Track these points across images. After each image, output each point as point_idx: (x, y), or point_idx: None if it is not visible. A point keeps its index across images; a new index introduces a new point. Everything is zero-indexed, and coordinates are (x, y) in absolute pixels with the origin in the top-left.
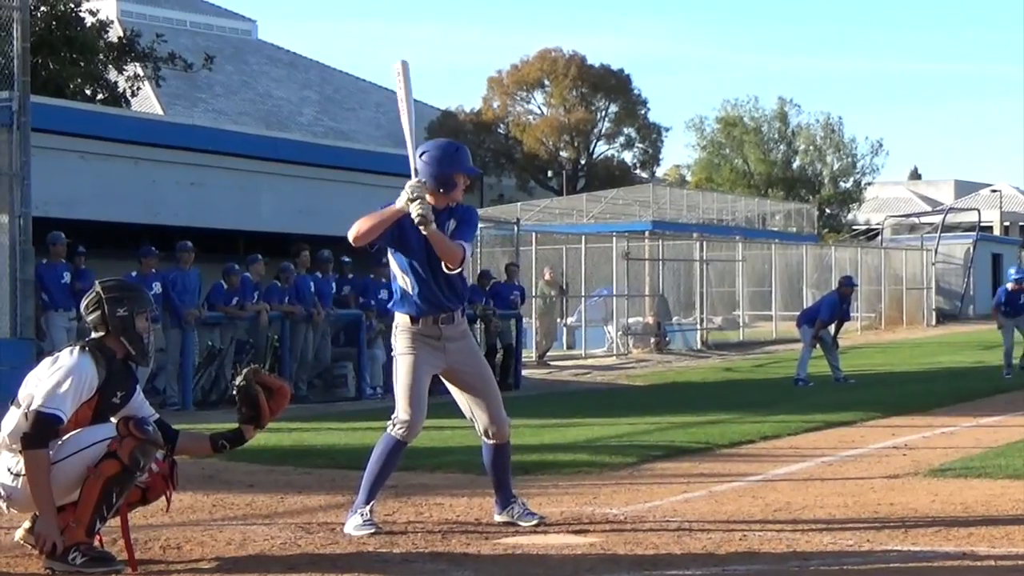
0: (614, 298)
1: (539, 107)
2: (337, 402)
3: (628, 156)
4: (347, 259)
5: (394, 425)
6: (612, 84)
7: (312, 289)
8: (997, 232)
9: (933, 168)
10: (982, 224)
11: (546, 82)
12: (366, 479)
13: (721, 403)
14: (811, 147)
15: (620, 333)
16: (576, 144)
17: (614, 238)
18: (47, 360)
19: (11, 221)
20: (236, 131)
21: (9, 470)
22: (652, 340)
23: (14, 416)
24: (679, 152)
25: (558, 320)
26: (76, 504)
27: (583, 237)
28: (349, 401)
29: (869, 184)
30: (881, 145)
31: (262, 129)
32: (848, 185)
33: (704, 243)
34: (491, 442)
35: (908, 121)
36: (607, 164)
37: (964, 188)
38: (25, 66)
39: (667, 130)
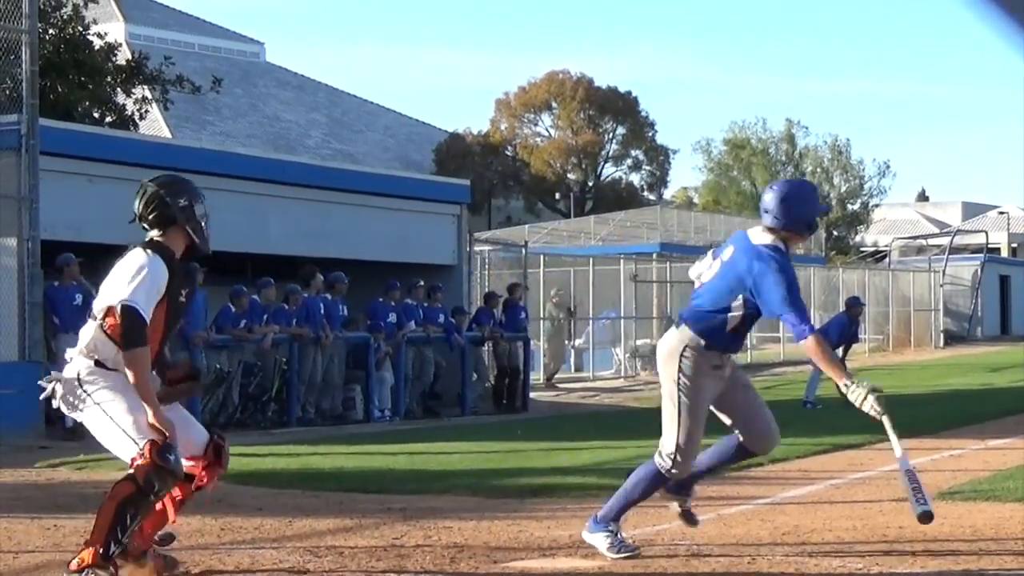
0: (622, 320)
1: (547, 129)
2: (345, 425)
3: (636, 178)
4: (400, 284)
5: (666, 459)
6: (619, 106)
7: (321, 311)
8: (1005, 254)
9: (941, 190)
10: (990, 246)
11: (554, 104)
12: (621, 497)
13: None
14: (818, 169)
15: (628, 355)
16: (584, 166)
17: (622, 260)
18: (116, 267)
19: (19, 244)
20: (244, 154)
21: (79, 380)
22: None
23: (91, 328)
24: (686, 174)
25: (566, 342)
26: (93, 534)
27: (591, 259)
28: (357, 424)
29: (876, 206)
30: (888, 167)
31: (270, 152)
32: (855, 207)
33: None
34: (751, 449)
35: (915, 143)
36: (615, 186)
37: (972, 210)
38: (33, 89)
39: (674, 152)
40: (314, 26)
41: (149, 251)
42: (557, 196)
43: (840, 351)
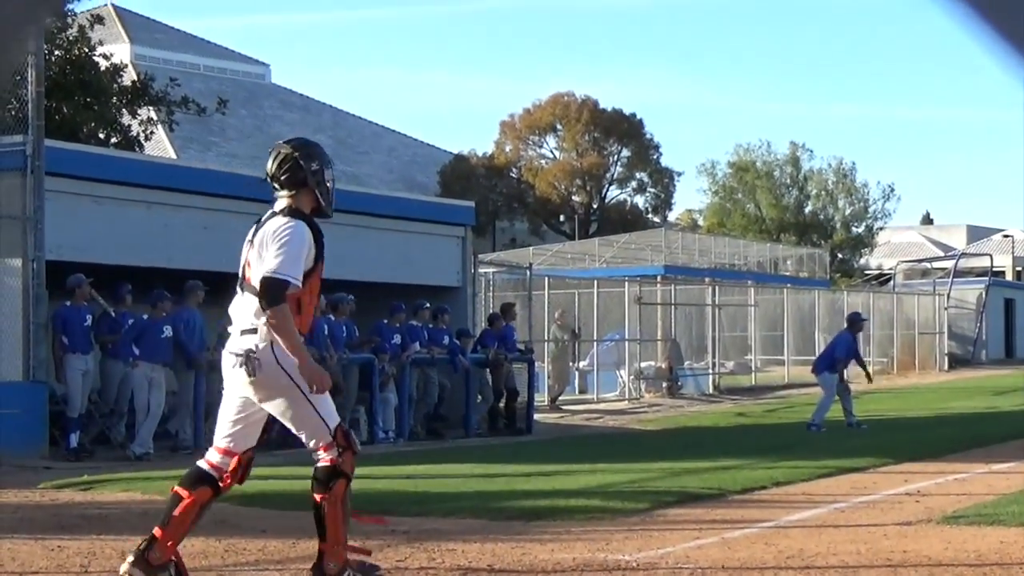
0: (626, 342)
1: (551, 151)
2: None
3: (640, 200)
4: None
5: None
6: (624, 128)
7: (325, 332)
8: (1009, 277)
9: (945, 213)
10: (994, 269)
11: (558, 126)
12: None
13: (733, 448)
14: (823, 192)
15: (632, 377)
16: (588, 188)
17: (626, 282)
18: (266, 238)
19: (24, 265)
20: (249, 175)
21: (276, 358)
22: (664, 385)
23: (240, 299)
24: (691, 197)
25: (570, 364)
26: (324, 536)
27: (595, 281)
28: (361, 445)
29: (881, 229)
30: (893, 190)
31: None
32: (860, 230)
33: (716, 288)
34: None
35: (920, 166)
36: (619, 208)
37: (976, 233)
38: (39, 110)
39: (679, 175)
40: (319, 48)
41: (290, 217)
42: (562, 218)
43: (848, 369)
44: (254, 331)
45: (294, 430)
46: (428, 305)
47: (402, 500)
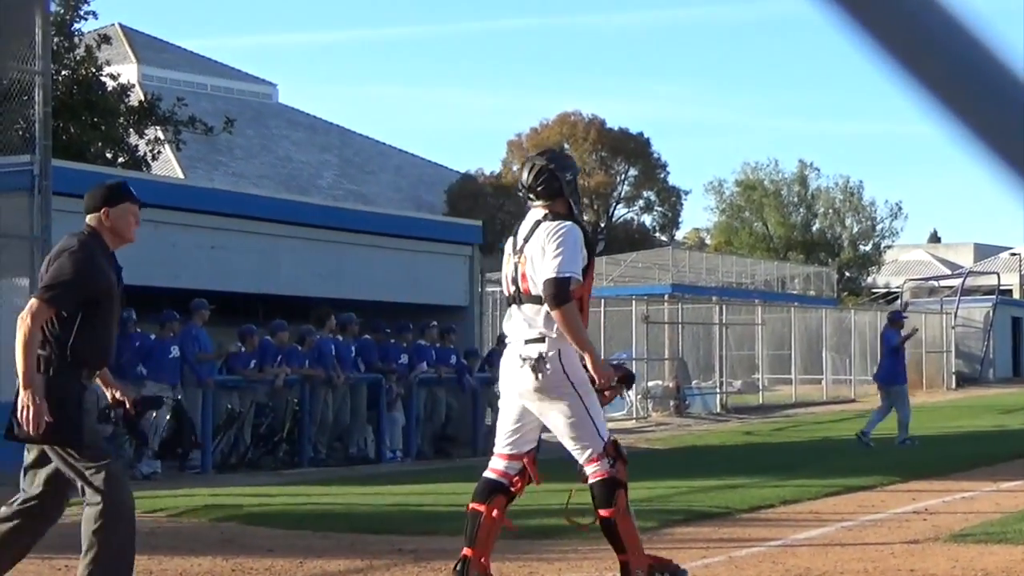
0: (633, 361)
1: None
2: (357, 465)
3: (647, 219)
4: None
5: None
6: (631, 147)
7: (333, 352)
8: (1017, 296)
9: (952, 231)
10: (1002, 287)
11: (566, 145)
12: None
13: (741, 467)
14: (830, 210)
15: (640, 396)
16: (596, 207)
17: (633, 301)
18: (543, 241)
19: (31, 284)
20: (256, 195)
21: (561, 362)
22: (672, 403)
23: (518, 312)
24: (698, 215)
25: None
26: (622, 549)
27: (602, 300)
28: (369, 464)
29: (888, 247)
30: (900, 208)
31: (282, 192)
32: (867, 248)
33: (723, 306)
34: None
35: (927, 184)
36: (626, 227)
37: (983, 251)
38: (47, 130)
39: (686, 193)
40: (326, 67)
41: (566, 219)
42: None
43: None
44: (541, 339)
45: (566, 438)
46: (436, 324)
47: (410, 519)
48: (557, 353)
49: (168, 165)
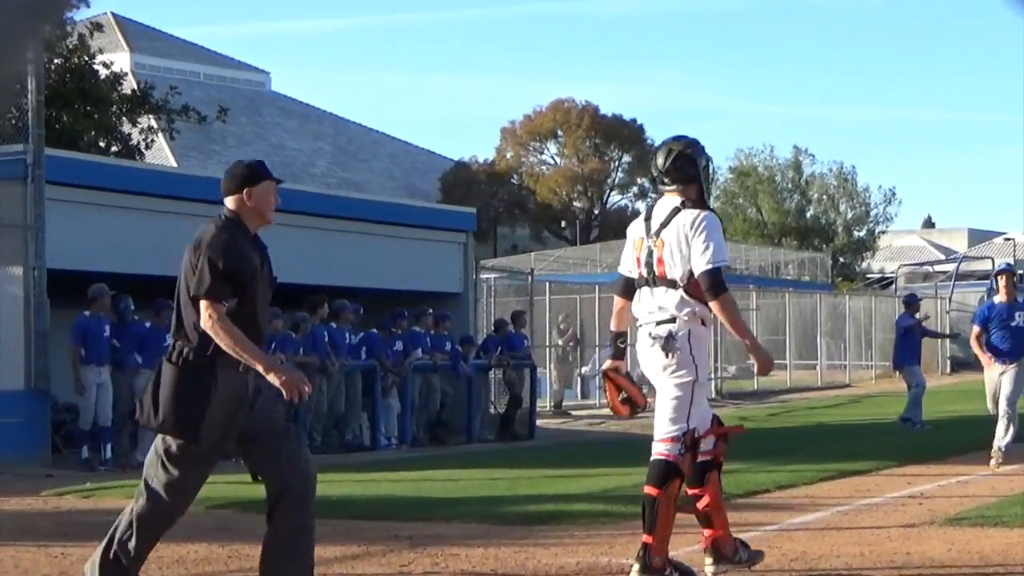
0: (628, 347)
1: (552, 157)
2: (352, 452)
3: (641, 206)
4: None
5: None
6: (625, 134)
7: (326, 340)
8: None
9: (946, 217)
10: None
11: (559, 132)
12: None
13: (735, 452)
14: (824, 196)
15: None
16: (589, 194)
17: None
18: (686, 230)
19: (26, 273)
20: None
21: (690, 341)
22: None
23: (673, 293)
24: None
25: (573, 370)
26: (652, 529)
27: (597, 287)
28: (364, 451)
29: (883, 233)
30: (894, 194)
31: None
32: (862, 234)
33: None
34: None
35: (921, 170)
36: (620, 214)
37: (977, 237)
38: (40, 119)
39: None
40: (319, 55)
41: (706, 207)
42: (563, 224)
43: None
44: (672, 320)
45: (661, 410)
46: (430, 311)
47: (405, 505)
48: (687, 334)
49: (161, 154)
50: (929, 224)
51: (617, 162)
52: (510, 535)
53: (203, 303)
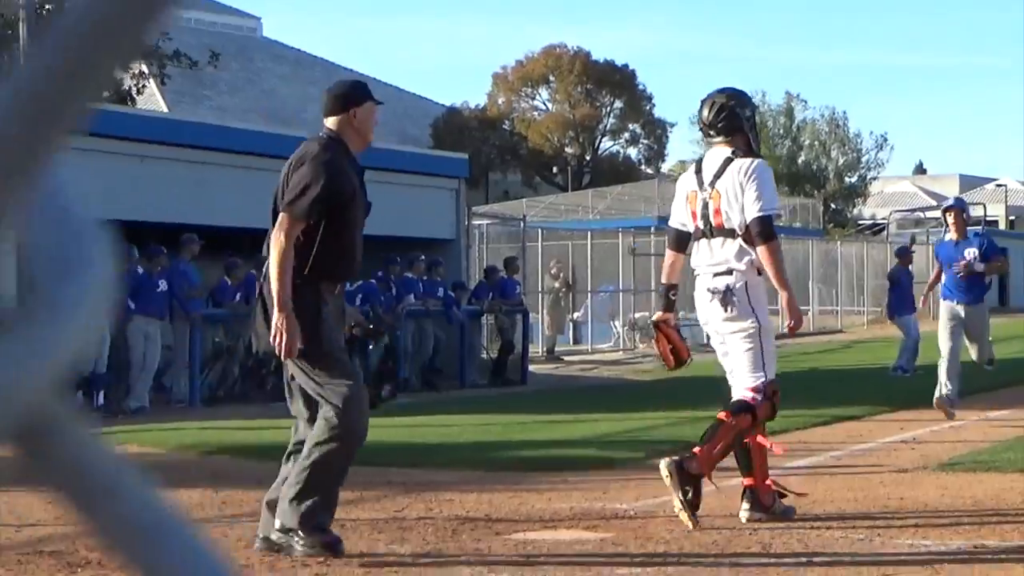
0: (620, 293)
1: (544, 103)
2: None
3: (633, 152)
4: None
5: None
6: (617, 80)
7: None
8: (1002, 226)
9: (938, 163)
10: (988, 218)
11: (551, 78)
12: None
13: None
14: (816, 142)
15: (626, 328)
16: (581, 140)
17: (620, 234)
18: (741, 179)
19: None
20: (242, 128)
21: (748, 292)
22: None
23: (732, 243)
24: (684, 148)
25: (565, 316)
26: (711, 440)
27: (589, 233)
28: None
29: (874, 179)
30: (886, 140)
31: (267, 126)
32: (853, 180)
33: None
34: None
35: (913, 116)
36: (612, 160)
37: (969, 183)
38: None
39: (672, 125)
40: (310, 1)
41: (757, 155)
42: (555, 170)
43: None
44: (730, 272)
45: (734, 365)
46: (423, 257)
47: (399, 451)
48: (744, 285)
49: (153, 99)
50: (920, 170)
51: (609, 108)
52: (504, 480)
53: (283, 214)
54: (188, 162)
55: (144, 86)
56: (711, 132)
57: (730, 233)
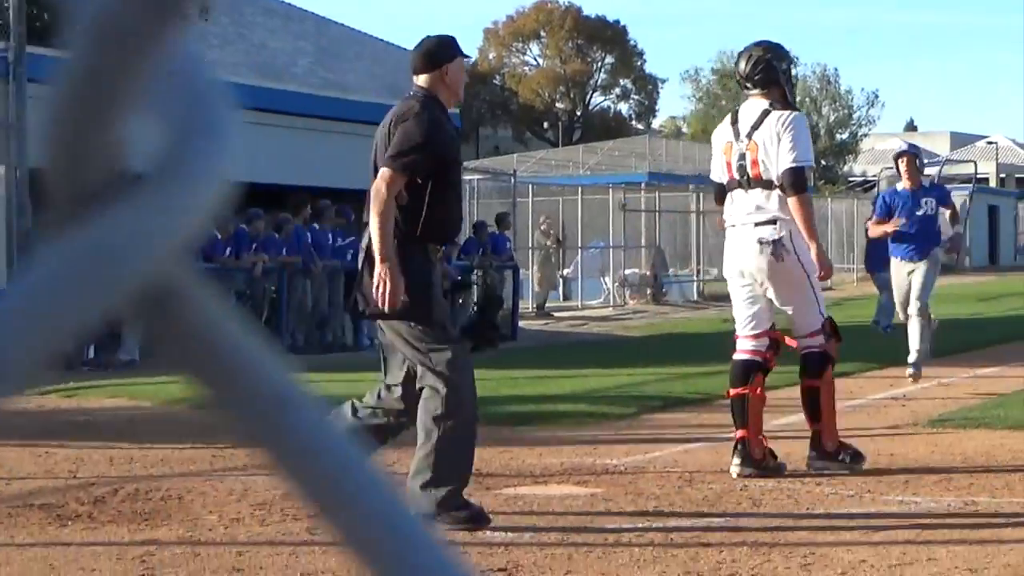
0: (611, 249)
1: (535, 58)
2: (334, 353)
3: (624, 107)
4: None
5: None
6: (608, 35)
7: (309, 241)
8: (993, 184)
9: (929, 120)
10: (978, 176)
11: (542, 33)
12: None
13: (718, 354)
14: (807, 99)
15: (617, 284)
16: (572, 96)
17: (610, 190)
18: (777, 130)
19: (7, 172)
20: (232, 82)
21: (792, 242)
22: (649, 291)
23: (744, 195)
24: (675, 103)
25: (555, 272)
26: (819, 418)
27: (579, 189)
28: (347, 352)
29: (865, 136)
30: (877, 97)
31: (258, 80)
32: (844, 137)
33: (700, 195)
34: None
35: (904, 73)
36: (603, 116)
37: (960, 140)
38: (20, 16)
39: (663, 81)
40: None
41: (795, 108)
42: (545, 125)
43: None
44: (772, 222)
45: (791, 313)
46: None
47: None
48: (789, 234)
49: None
50: (911, 127)
51: (600, 63)
52: (494, 435)
53: (385, 168)
54: None
55: None
56: (748, 84)
57: (768, 184)
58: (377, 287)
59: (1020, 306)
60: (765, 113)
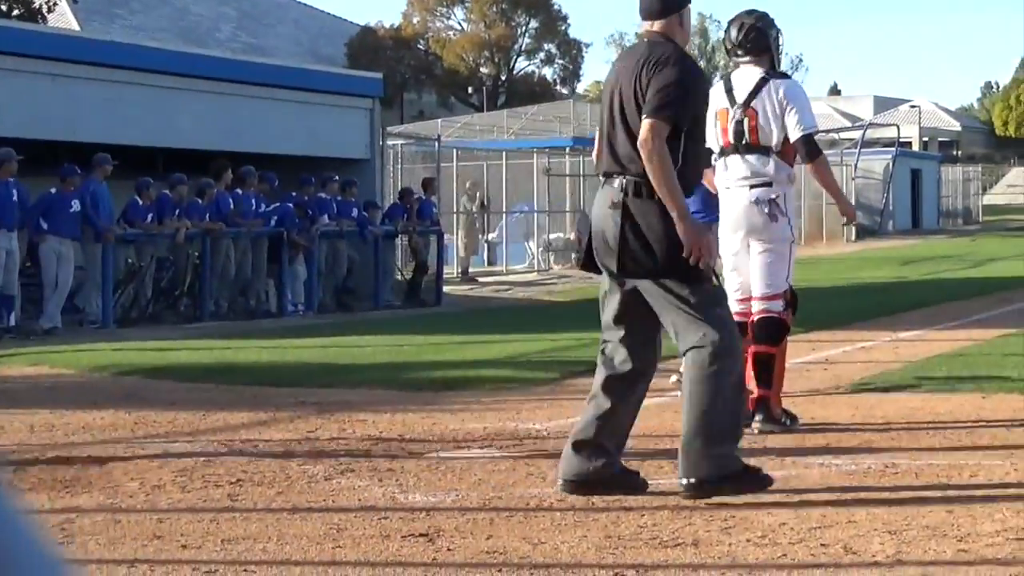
0: (535, 214)
1: (459, 23)
2: (259, 319)
3: (548, 72)
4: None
5: None
6: (532, 0)
7: (231, 206)
8: (916, 148)
9: (852, 84)
10: (901, 140)
11: None
12: None
13: None
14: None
15: (541, 249)
16: (496, 60)
17: (535, 154)
18: (779, 97)
19: None
20: (154, 47)
21: (783, 204)
22: (573, 256)
23: (738, 159)
24: (600, 68)
25: (480, 236)
26: (769, 384)
27: (504, 153)
28: (270, 318)
29: None
30: (801, 61)
31: (180, 45)
32: None
33: None
34: None
35: (827, 37)
36: (527, 80)
37: (883, 104)
38: None
39: (588, 46)
40: None
41: (785, 75)
42: (470, 90)
43: None
44: (769, 184)
45: (759, 272)
46: (337, 178)
47: (312, 372)
48: (783, 196)
49: (64, 18)
50: (835, 91)
51: (524, 28)
52: (417, 401)
53: (652, 121)
54: (101, 81)
55: (55, 4)
56: (739, 51)
57: (765, 150)
58: (691, 251)
59: (942, 269)
60: (763, 81)
